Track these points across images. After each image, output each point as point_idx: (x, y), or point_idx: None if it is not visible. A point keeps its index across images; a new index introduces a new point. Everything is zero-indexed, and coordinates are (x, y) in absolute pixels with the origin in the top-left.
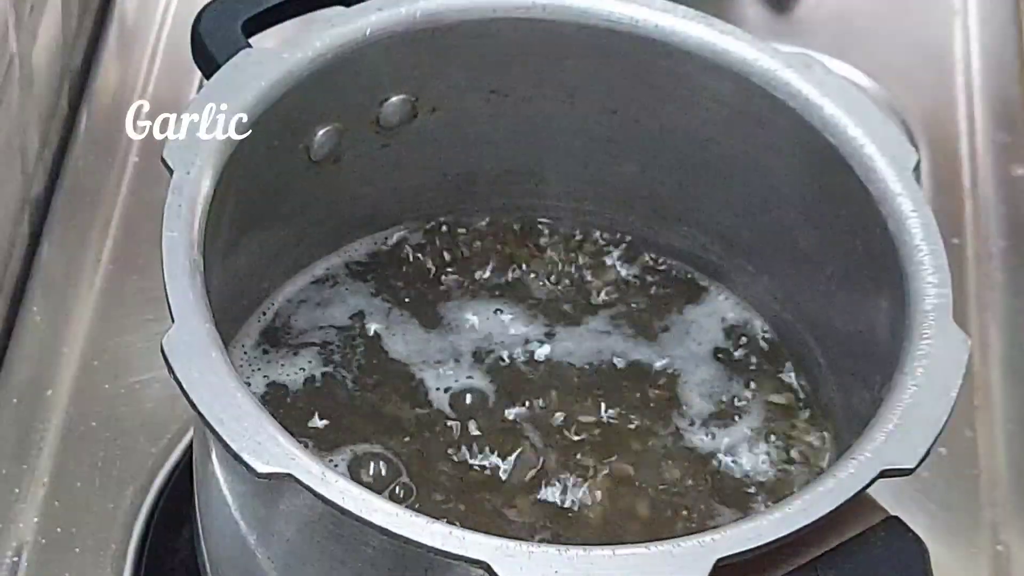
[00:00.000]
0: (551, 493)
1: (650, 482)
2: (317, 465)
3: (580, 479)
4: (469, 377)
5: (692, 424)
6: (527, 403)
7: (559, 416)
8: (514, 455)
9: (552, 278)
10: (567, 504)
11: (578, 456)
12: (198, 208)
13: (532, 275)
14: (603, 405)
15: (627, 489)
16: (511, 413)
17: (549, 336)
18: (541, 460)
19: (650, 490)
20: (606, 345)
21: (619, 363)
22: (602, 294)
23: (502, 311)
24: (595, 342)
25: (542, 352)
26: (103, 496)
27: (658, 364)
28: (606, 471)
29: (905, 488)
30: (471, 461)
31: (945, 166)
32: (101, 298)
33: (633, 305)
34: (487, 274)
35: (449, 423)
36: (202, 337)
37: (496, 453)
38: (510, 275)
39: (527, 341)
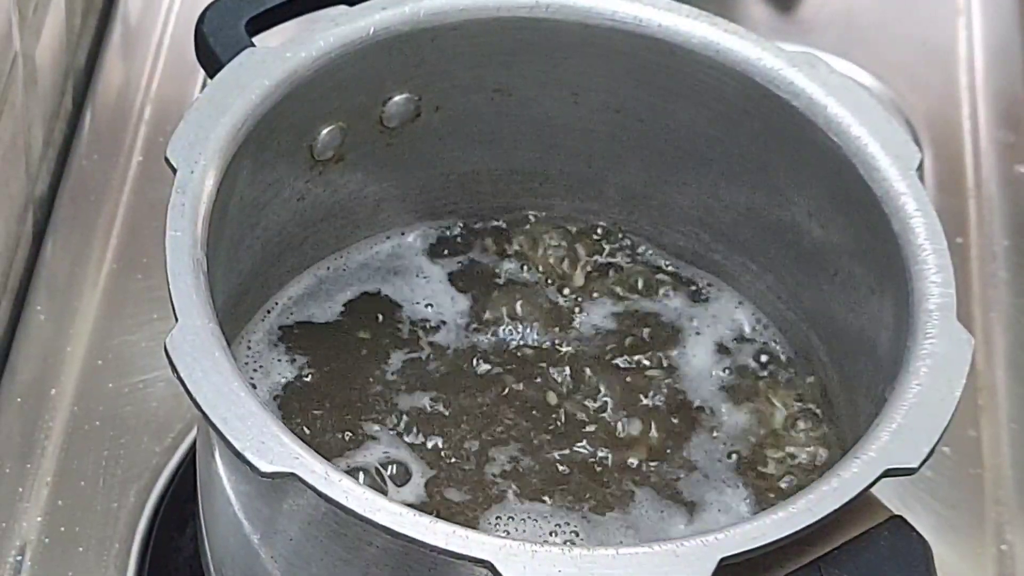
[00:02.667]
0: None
1: (646, 476)
2: (321, 464)
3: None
4: (469, 377)
5: (693, 422)
6: (526, 400)
7: (556, 413)
8: (510, 449)
9: (555, 276)
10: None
11: (574, 449)
12: (202, 207)
13: (535, 273)
14: (602, 402)
15: (627, 477)
16: (508, 412)
17: (551, 334)
18: (537, 452)
19: (646, 486)
20: (608, 343)
21: (620, 362)
22: (605, 293)
23: (505, 310)
24: (597, 340)
25: (544, 349)
26: (107, 495)
27: (661, 362)
28: (602, 466)
29: (909, 487)
30: (465, 462)
31: (949, 165)
32: (105, 297)
33: (636, 304)
34: (491, 273)
35: (447, 423)
36: (206, 336)
37: (493, 448)
38: (513, 274)
39: (529, 338)
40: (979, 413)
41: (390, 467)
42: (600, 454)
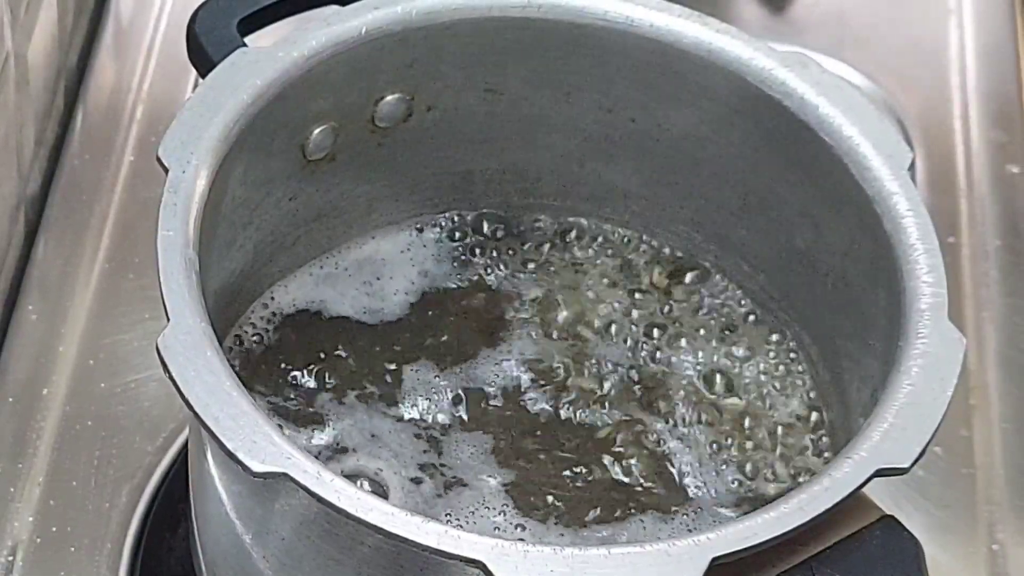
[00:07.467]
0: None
1: (641, 480)
2: (313, 464)
3: (571, 470)
4: (463, 376)
5: (686, 421)
6: (519, 399)
7: (546, 410)
8: (505, 455)
9: (548, 276)
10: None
11: (567, 446)
12: (193, 207)
13: (528, 273)
14: (594, 398)
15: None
16: (499, 413)
17: (543, 332)
18: (531, 452)
19: (640, 490)
20: (600, 341)
21: (613, 359)
22: (597, 291)
23: (499, 309)
24: (589, 338)
25: (537, 347)
26: (99, 495)
27: (654, 358)
28: (595, 463)
29: (901, 487)
30: (455, 462)
31: (941, 165)
32: (97, 297)
33: (628, 302)
34: (484, 272)
35: (439, 425)
36: (198, 336)
37: (485, 453)
38: (506, 273)
39: (522, 336)
40: (971, 413)
41: (374, 471)
42: (589, 445)
